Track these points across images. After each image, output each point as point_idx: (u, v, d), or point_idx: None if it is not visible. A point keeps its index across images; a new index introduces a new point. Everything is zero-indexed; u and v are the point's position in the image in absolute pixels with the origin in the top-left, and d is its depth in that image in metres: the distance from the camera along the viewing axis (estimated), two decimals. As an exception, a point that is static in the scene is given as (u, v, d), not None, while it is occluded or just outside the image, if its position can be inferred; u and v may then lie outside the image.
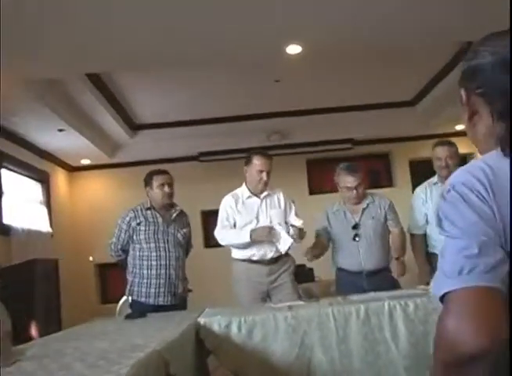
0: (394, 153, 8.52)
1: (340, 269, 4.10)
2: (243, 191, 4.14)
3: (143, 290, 4.02)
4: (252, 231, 3.90)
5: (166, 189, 4.12)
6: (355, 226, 4.01)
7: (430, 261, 4.10)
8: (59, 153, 7.49)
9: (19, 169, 6.55)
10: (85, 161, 8.05)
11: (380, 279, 3.90)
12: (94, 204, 8.35)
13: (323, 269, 5.39)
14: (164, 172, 4.21)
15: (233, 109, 7.21)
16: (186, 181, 7.99)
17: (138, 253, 4.07)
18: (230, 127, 7.52)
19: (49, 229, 7.12)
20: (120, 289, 4.40)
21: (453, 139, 8.64)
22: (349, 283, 3.97)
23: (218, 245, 4.19)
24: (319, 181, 8.28)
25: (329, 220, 4.15)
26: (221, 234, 4.06)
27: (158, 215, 4.14)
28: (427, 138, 8.11)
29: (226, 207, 4.08)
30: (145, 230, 4.06)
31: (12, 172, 6.41)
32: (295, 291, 4.04)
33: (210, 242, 8.11)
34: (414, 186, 5.01)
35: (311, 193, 8.25)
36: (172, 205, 4.26)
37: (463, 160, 9.00)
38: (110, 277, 8.14)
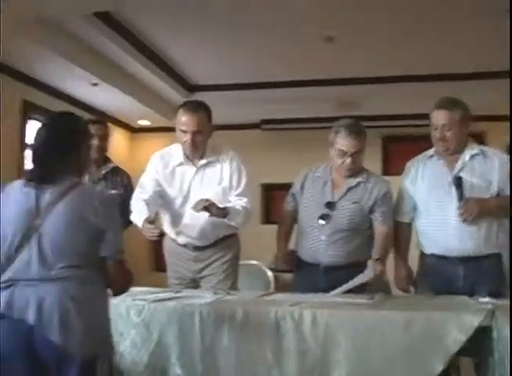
0: (490, 134, 7.21)
1: (298, 258, 3.25)
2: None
3: None
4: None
5: (95, 141, 3.53)
6: (330, 205, 3.11)
7: (421, 263, 3.17)
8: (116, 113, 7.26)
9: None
10: (144, 122, 7.75)
11: (343, 277, 2.95)
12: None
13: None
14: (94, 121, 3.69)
15: (299, 72, 6.44)
16: (246, 151, 7.40)
17: None
18: (297, 92, 6.73)
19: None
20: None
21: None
22: (306, 278, 3.15)
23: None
24: (396, 160, 7.25)
25: (303, 185, 3.26)
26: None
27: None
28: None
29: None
30: None
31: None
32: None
33: (270, 218, 7.51)
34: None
35: (385, 173, 7.25)
36: (106, 161, 3.73)
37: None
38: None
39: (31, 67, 5.52)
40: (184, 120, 3.11)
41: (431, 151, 3.16)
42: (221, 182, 3.22)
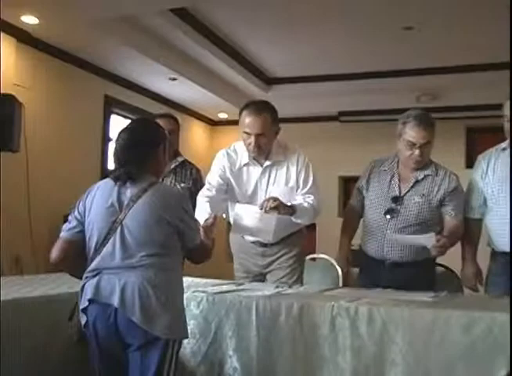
0: None
1: (363, 253, 3.18)
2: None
3: None
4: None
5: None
6: (396, 200, 3.03)
7: (491, 261, 3.01)
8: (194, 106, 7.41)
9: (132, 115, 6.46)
10: (223, 115, 7.87)
11: (408, 275, 2.89)
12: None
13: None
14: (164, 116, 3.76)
15: (378, 63, 6.32)
16: (324, 143, 7.38)
17: None
18: (376, 84, 6.63)
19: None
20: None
21: None
22: (370, 274, 3.08)
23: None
24: (481, 153, 6.96)
25: (369, 179, 3.18)
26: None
27: None
28: None
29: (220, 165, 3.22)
30: None
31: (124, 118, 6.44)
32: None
33: (348, 212, 7.42)
34: None
35: (469, 166, 6.98)
36: (175, 154, 3.78)
37: None
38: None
39: (111, 63, 5.77)
40: (247, 122, 3.00)
41: (504, 144, 3.01)
42: (288, 182, 3.14)
